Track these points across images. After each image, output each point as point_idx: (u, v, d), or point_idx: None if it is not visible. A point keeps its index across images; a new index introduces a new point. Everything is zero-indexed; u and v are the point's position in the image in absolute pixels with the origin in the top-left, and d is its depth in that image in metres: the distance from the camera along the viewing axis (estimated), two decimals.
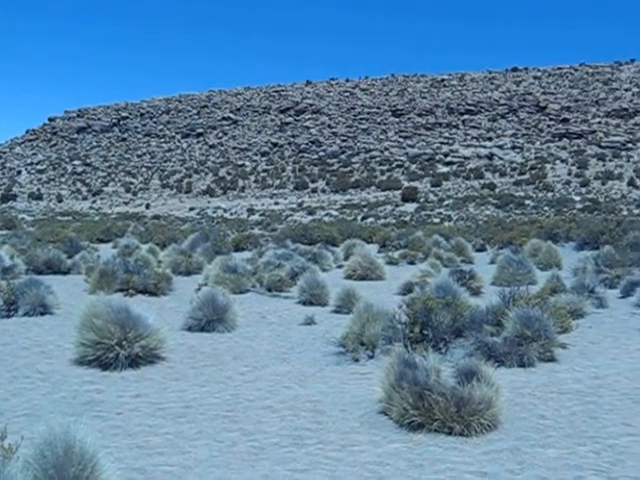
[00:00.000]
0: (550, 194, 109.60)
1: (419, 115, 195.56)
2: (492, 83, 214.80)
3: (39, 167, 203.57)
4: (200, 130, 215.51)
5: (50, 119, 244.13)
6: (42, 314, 15.90)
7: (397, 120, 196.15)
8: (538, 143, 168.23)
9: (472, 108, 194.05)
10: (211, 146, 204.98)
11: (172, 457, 7.52)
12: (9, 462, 5.19)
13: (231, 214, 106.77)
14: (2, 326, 14.76)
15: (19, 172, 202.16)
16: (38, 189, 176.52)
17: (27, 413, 9.03)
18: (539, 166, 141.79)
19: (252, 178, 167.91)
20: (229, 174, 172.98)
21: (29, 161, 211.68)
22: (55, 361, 11.80)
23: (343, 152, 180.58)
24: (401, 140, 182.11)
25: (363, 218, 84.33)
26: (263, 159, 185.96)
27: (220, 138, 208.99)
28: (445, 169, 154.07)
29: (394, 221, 73.63)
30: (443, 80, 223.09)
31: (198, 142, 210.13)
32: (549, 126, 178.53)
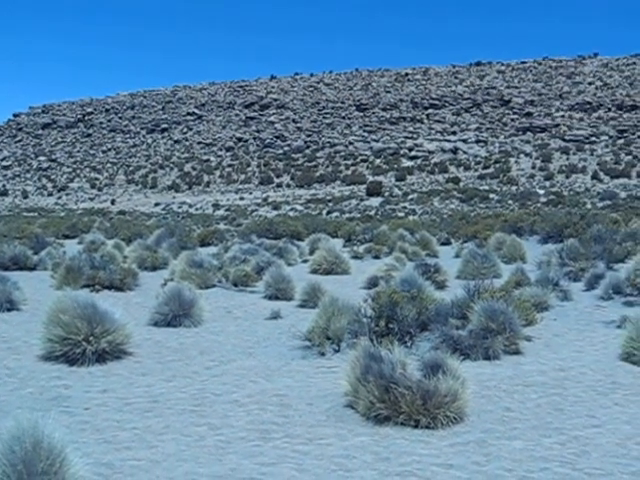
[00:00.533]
0: (514, 188, 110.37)
1: (383, 109, 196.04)
2: (456, 77, 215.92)
3: (4, 163, 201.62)
4: (165, 125, 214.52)
5: (15, 115, 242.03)
6: (9, 310, 15.84)
7: (361, 114, 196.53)
8: (502, 137, 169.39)
9: (436, 102, 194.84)
10: (176, 141, 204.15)
11: (140, 452, 7.52)
12: None
13: (196, 209, 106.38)
14: None
15: None
16: (3, 185, 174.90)
17: None
18: (503, 160, 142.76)
19: (217, 173, 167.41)
20: (194, 169, 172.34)
21: None
22: (22, 357, 11.73)
23: (308, 147, 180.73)
24: (365, 134, 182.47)
25: (328, 212, 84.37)
26: (228, 154, 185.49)
27: (185, 133, 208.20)
28: (409, 163, 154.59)
29: (359, 215, 73.71)
30: (407, 74, 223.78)
31: (163, 137, 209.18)
32: (513, 120, 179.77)
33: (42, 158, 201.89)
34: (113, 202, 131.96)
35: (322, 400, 9.36)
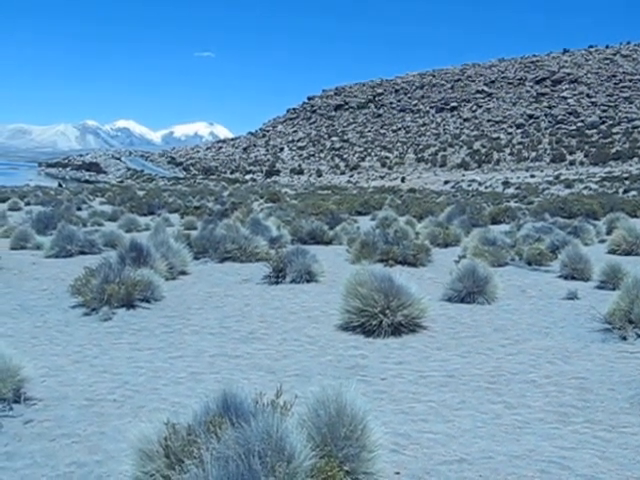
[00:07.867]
0: None
1: None
2: None
3: (299, 144, 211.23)
4: (454, 104, 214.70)
5: (309, 98, 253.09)
6: (308, 281, 16.57)
7: None
8: None
9: None
10: (465, 119, 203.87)
11: (436, 425, 7.54)
12: (285, 418, 5.41)
13: (486, 187, 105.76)
14: (272, 292, 15.56)
15: (281, 149, 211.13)
16: (299, 164, 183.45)
17: (297, 373, 9.46)
18: None
19: (507, 151, 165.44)
20: (484, 147, 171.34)
21: (290, 138, 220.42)
22: (321, 326, 12.23)
23: (603, 122, 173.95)
24: None
25: (625, 191, 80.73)
26: (518, 131, 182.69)
27: (474, 111, 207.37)
28: None
29: None
30: None
31: (452, 116, 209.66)
32: None
33: (335, 138, 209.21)
34: (403, 180, 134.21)
35: (625, 387, 8.92)
